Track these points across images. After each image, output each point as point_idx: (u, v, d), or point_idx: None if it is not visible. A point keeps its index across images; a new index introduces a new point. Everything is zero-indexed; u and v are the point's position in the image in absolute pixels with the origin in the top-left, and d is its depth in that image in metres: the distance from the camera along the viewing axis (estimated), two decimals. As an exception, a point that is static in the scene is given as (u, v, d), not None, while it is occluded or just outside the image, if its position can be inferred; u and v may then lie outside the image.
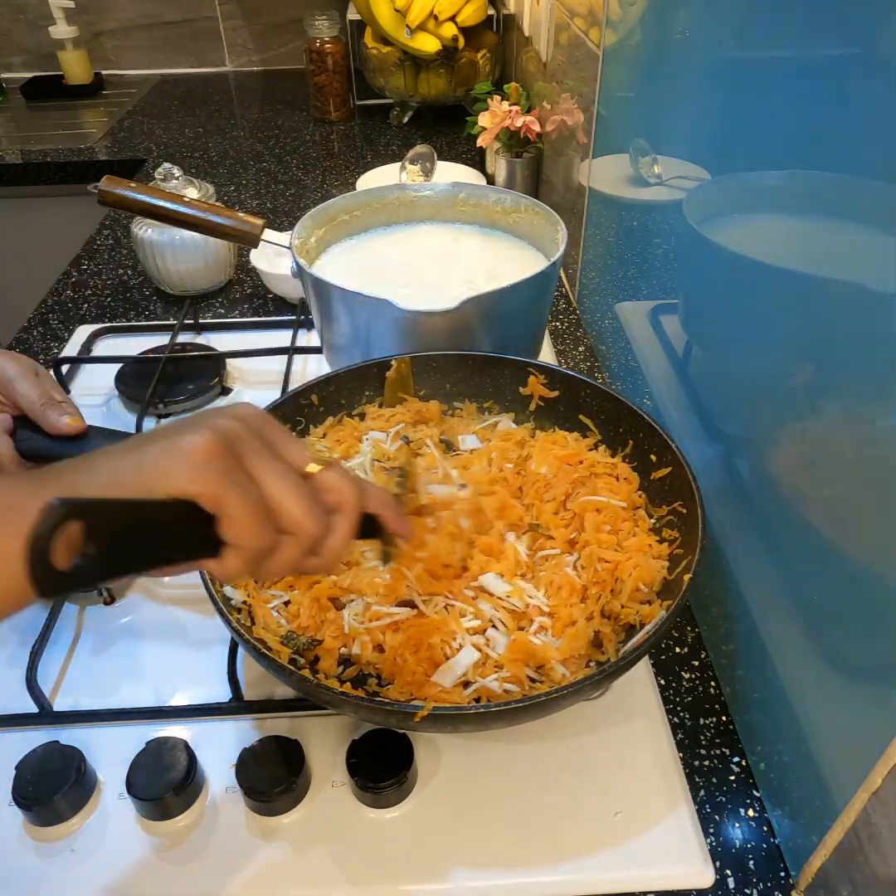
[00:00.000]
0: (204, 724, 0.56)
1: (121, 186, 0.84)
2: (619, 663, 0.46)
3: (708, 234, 0.63)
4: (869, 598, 0.41)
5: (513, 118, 1.20)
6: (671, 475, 0.59)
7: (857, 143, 0.40)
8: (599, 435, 0.66)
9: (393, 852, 0.49)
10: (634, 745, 0.54)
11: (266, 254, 1.03)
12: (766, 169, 0.52)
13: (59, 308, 1.09)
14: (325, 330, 0.78)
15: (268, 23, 1.99)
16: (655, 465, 0.61)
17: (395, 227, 0.89)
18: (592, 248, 0.99)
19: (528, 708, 0.44)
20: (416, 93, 1.62)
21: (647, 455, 0.62)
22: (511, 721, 0.48)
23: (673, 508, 0.58)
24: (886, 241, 0.38)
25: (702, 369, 0.66)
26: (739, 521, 0.58)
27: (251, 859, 0.49)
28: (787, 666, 0.50)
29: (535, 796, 0.52)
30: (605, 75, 0.87)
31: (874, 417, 0.40)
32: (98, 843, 0.50)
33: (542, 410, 0.69)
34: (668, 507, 0.59)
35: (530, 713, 0.47)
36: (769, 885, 0.49)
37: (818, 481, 0.46)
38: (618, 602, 0.54)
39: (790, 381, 0.49)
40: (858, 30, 0.40)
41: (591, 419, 0.67)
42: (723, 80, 0.58)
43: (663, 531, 0.58)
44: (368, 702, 0.45)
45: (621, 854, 0.49)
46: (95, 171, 1.52)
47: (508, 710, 0.44)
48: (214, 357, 0.91)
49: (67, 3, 1.81)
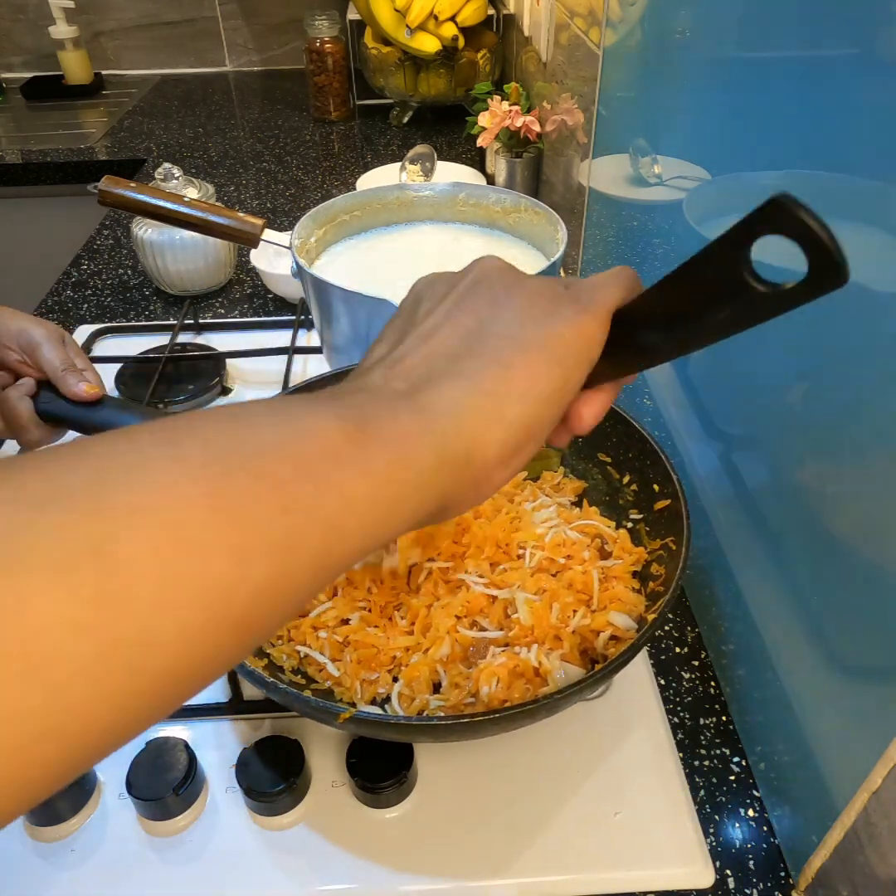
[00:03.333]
0: (204, 724, 0.56)
1: (121, 186, 0.84)
2: (615, 661, 0.46)
3: (708, 234, 0.63)
4: (869, 598, 0.41)
5: (513, 118, 1.20)
6: (668, 508, 0.57)
7: (857, 143, 0.40)
8: (610, 458, 0.64)
9: (393, 852, 0.49)
10: (634, 745, 0.54)
11: (266, 254, 1.03)
12: (766, 169, 0.52)
13: (59, 308, 1.09)
14: (325, 330, 0.78)
15: (268, 23, 1.99)
16: (658, 494, 0.59)
17: (395, 227, 0.89)
18: (592, 248, 0.99)
19: (525, 713, 0.43)
20: (416, 93, 1.62)
21: (652, 484, 0.60)
22: (508, 727, 0.47)
23: (665, 543, 0.56)
24: (886, 241, 0.38)
25: (702, 369, 0.66)
26: (739, 520, 0.58)
27: (251, 859, 0.49)
28: (787, 666, 0.50)
29: (534, 796, 0.52)
30: (605, 75, 0.87)
31: (875, 417, 0.40)
32: (98, 843, 0.50)
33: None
34: (661, 540, 0.57)
35: (528, 717, 0.45)
36: (769, 885, 0.49)
37: (819, 481, 0.46)
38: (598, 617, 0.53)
39: (790, 381, 0.49)
40: (858, 30, 0.40)
41: (604, 440, 0.64)
42: (723, 79, 0.58)
43: (652, 566, 0.57)
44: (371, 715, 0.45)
45: (621, 854, 0.49)
46: (95, 171, 1.52)
47: (505, 717, 0.43)
48: (214, 357, 0.91)
49: (67, 3, 1.81)
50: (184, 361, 0.90)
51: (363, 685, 0.52)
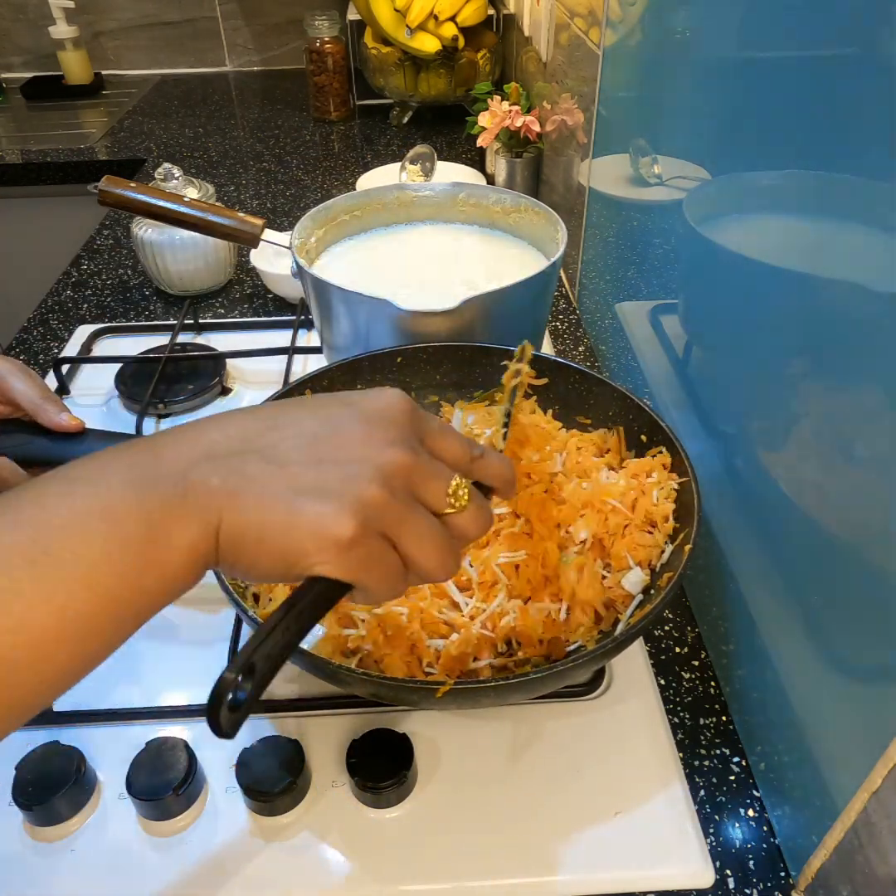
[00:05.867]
0: (204, 724, 0.55)
1: (121, 186, 0.84)
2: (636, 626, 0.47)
3: (708, 234, 0.63)
4: (869, 597, 0.41)
5: (513, 118, 1.20)
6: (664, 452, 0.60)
7: (857, 143, 0.40)
8: (590, 419, 0.67)
9: (393, 852, 0.49)
10: (634, 744, 0.54)
11: (266, 254, 1.03)
12: (766, 169, 0.52)
13: (59, 308, 1.09)
14: (325, 330, 0.78)
15: (268, 23, 1.99)
16: (647, 444, 0.62)
17: (395, 227, 0.89)
18: (592, 248, 0.99)
19: (547, 678, 0.45)
20: (416, 93, 1.62)
21: (639, 436, 0.63)
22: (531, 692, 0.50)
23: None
24: (886, 241, 0.38)
25: (702, 369, 0.66)
26: (739, 520, 0.58)
27: (251, 859, 0.49)
28: (787, 666, 0.50)
29: (534, 796, 0.52)
30: (605, 75, 0.87)
31: (875, 416, 0.40)
32: (98, 843, 0.50)
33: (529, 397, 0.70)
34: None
35: (548, 683, 0.47)
36: (769, 885, 0.49)
37: (819, 482, 0.46)
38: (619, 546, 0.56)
39: (791, 381, 0.49)
40: (858, 30, 0.40)
41: (582, 404, 0.67)
42: (723, 79, 0.58)
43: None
44: (390, 680, 0.46)
45: (621, 854, 0.49)
46: (95, 171, 1.52)
47: (527, 682, 0.45)
48: (214, 357, 0.91)
49: (67, 3, 1.81)
50: (184, 361, 0.90)
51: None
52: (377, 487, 0.35)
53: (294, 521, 0.34)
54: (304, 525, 0.34)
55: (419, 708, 0.55)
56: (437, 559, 0.37)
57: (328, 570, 0.34)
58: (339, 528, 0.34)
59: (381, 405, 0.38)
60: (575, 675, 0.48)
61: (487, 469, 0.41)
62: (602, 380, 0.66)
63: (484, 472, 0.41)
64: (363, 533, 0.34)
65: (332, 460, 0.36)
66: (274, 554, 0.34)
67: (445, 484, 0.38)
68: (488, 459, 0.41)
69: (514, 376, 0.55)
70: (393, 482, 0.36)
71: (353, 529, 0.34)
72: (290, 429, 0.37)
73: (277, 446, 0.36)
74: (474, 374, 0.71)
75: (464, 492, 0.38)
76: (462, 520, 0.38)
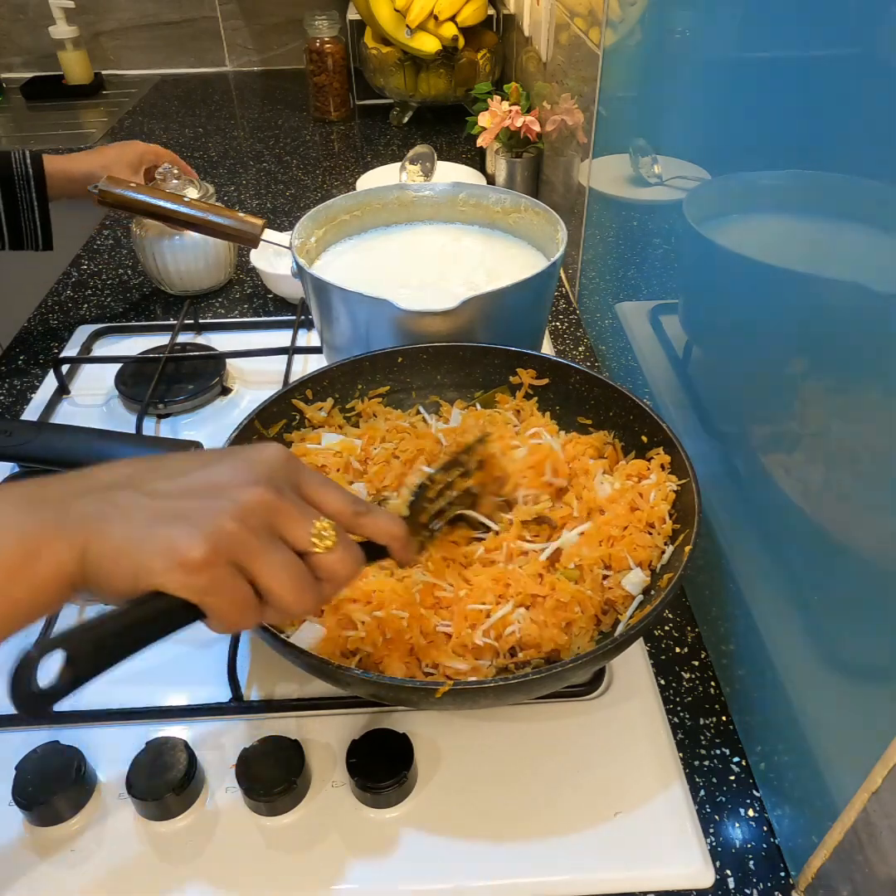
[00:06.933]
0: (204, 724, 0.56)
1: (121, 186, 0.84)
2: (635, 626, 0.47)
3: (708, 234, 0.63)
4: (869, 597, 0.41)
5: (513, 118, 1.20)
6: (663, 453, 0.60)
7: (857, 143, 0.40)
8: (590, 420, 0.67)
9: (393, 852, 0.49)
10: (634, 745, 0.54)
11: (266, 254, 1.03)
12: (766, 169, 0.52)
13: (59, 308, 1.09)
14: (325, 330, 0.78)
15: (268, 23, 1.99)
16: (647, 444, 0.62)
17: (395, 227, 0.89)
18: (592, 248, 0.99)
19: (547, 679, 0.45)
20: (416, 93, 1.62)
21: (639, 436, 0.63)
22: (530, 693, 0.50)
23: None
24: (886, 241, 0.38)
25: (702, 369, 0.66)
26: (739, 520, 0.58)
27: (251, 859, 0.49)
28: (787, 666, 0.50)
29: (534, 797, 0.52)
30: (605, 75, 0.87)
31: (875, 415, 0.40)
32: (98, 843, 0.50)
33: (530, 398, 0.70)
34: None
35: (548, 684, 0.47)
36: (769, 885, 0.49)
37: (819, 481, 0.46)
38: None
39: (791, 381, 0.49)
40: (858, 30, 0.40)
41: (582, 404, 0.67)
42: (723, 79, 0.58)
43: None
44: (390, 681, 0.46)
45: (621, 854, 0.49)
46: (95, 171, 1.52)
47: (527, 682, 0.45)
48: (214, 357, 0.91)
49: (67, 3, 1.81)
50: (184, 361, 0.90)
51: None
52: (234, 520, 0.37)
53: (148, 541, 0.35)
54: (156, 544, 0.35)
55: (419, 708, 0.55)
56: (292, 592, 0.38)
57: (172, 588, 0.35)
58: (187, 550, 0.35)
59: (258, 455, 0.41)
60: (575, 676, 0.48)
61: (373, 525, 0.42)
62: (602, 380, 0.66)
63: (370, 528, 0.42)
64: (213, 559, 0.35)
65: (198, 495, 0.38)
66: (127, 571, 0.35)
67: (308, 524, 0.39)
68: (374, 516, 0.42)
69: (459, 465, 0.55)
70: (252, 517, 0.37)
71: (202, 553, 0.35)
72: (169, 470, 0.39)
73: (153, 482, 0.38)
74: (474, 374, 0.71)
75: (329, 533, 0.39)
76: (328, 560, 0.39)
